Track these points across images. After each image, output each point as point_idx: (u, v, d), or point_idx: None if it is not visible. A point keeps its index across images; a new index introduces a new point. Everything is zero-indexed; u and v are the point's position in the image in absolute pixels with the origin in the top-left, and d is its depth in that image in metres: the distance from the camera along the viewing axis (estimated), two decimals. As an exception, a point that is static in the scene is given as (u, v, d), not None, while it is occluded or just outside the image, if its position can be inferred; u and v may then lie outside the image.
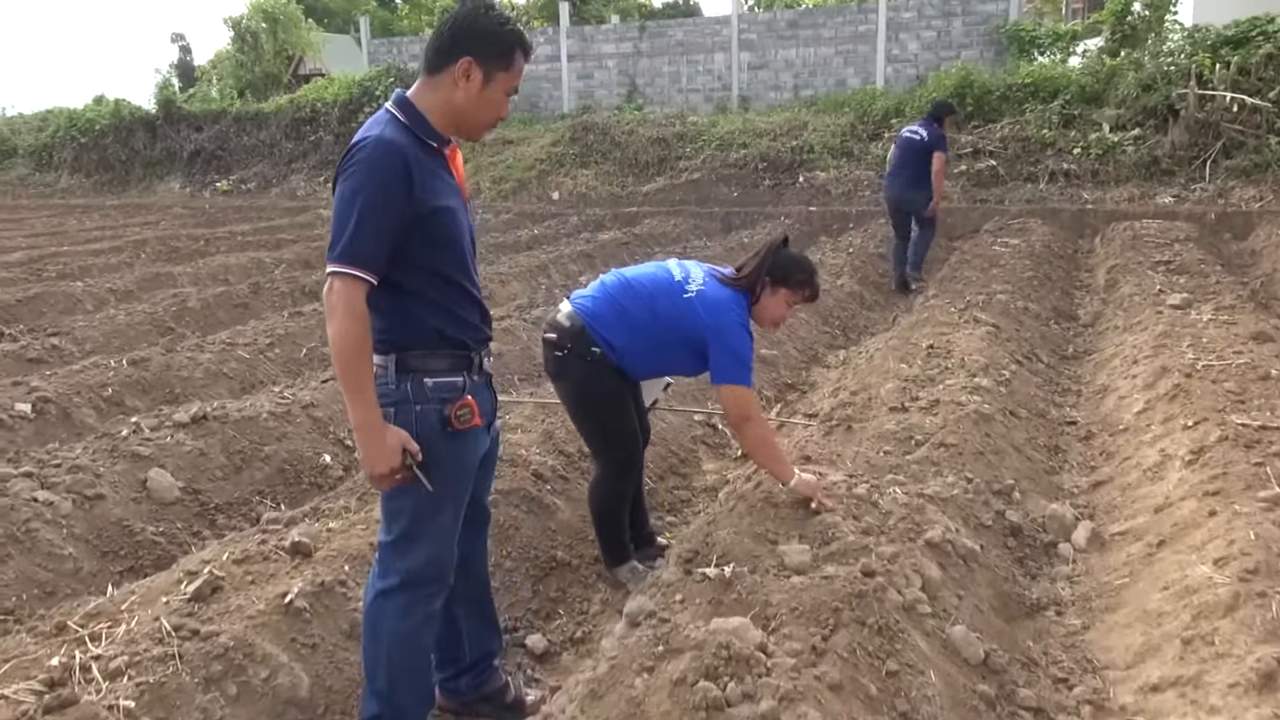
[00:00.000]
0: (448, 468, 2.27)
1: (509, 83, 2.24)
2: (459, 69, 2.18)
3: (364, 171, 2.08)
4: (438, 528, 2.30)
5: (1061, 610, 3.14)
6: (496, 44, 2.20)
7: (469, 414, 2.26)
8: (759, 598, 2.58)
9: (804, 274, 3.34)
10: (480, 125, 2.30)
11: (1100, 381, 5.45)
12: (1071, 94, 13.99)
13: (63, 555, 3.41)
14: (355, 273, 2.06)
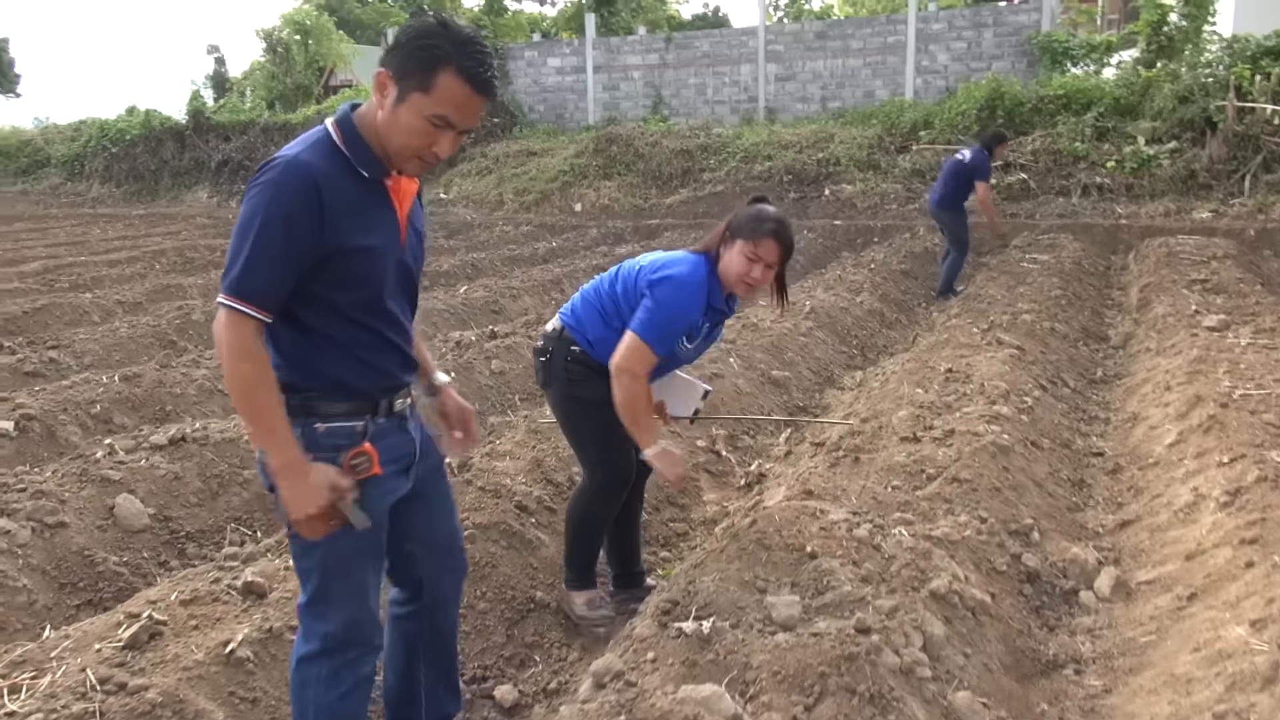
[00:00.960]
0: (341, 539, 2.01)
1: (431, 109, 1.85)
2: (377, 80, 1.90)
3: (268, 195, 1.83)
4: (352, 587, 2.07)
5: (1081, 669, 2.86)
6: (414, 58, 1.84)
7: (366, 463, 2.00)
8: (738, 659, 2.34)
9: (756, 221, 2.92)
10: (399, 154, 1.93)
11: (1130, 409, 5.15)
12: (1105, 106, 13.64)
13: (16, 588, 3.23)
14: (243, 308, 1.84)
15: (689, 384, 3.28)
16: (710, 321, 3.07)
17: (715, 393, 5.21)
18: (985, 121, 14.15)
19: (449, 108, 1.86)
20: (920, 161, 14.27)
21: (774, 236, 2.90)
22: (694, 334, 3.02)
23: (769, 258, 2.91)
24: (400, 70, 1.86)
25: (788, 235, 2.94)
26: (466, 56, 1.84)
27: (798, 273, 10.34)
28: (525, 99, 20.36)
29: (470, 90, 1.86)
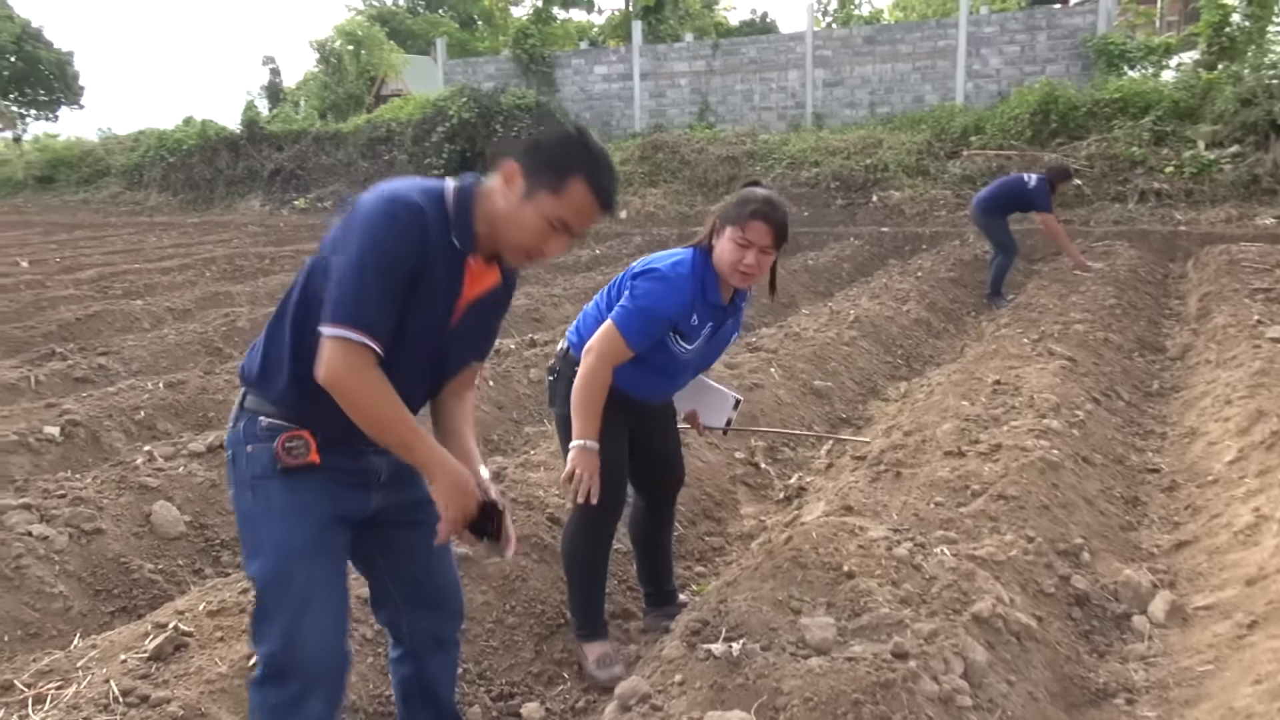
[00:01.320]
0: (282, 515, 1.92)
1: (555, 212, 1.90)
2: (505, 170, 1.93)
3: (385, 230, 1.80)
4: (289, 601, 1.91)
5: (1133, 699, 2.72)
6: (551, 162, 1.90)
7: (303, 448, 1.91)
8: (768, 683, 2.25)
9: (742, 204, 2.74)
10: (512, 246, 1.95)
11: (1188, 423, 4.95)
12: (1164, 110, 13.29)
13: (52, 594, 3.26)
14: (364, 339, 1.79)
15: (719, 393, 3.18)
16: (713, 321, 2.90)
17: (756, 404, 5.13)
18: (1038, 127, 13.86)
19: (572, 214, 1.92)
20: (970, 167, 14.02)
21: (761, 218, 2.71)
22: (690, 333, 2.85)
23: (760, 241, 2.72)
24: (533, 168, 1.91)
25: (776, 215, 2.74)
26: (598, 172, 1.93)
27: (843, 280, 10.20)
28: (572, 106, 20.42)
29: (595, 203, 1.94)
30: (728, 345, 3.12)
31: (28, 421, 4.80)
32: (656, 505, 3.27)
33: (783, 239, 2.76)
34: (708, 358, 3.05)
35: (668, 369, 2.92)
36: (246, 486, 1.95)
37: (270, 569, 1.92)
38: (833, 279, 10.18)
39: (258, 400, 1.97)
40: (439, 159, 19.30)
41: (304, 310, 1.91)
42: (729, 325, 3.02)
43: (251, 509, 1.95)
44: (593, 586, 3.09)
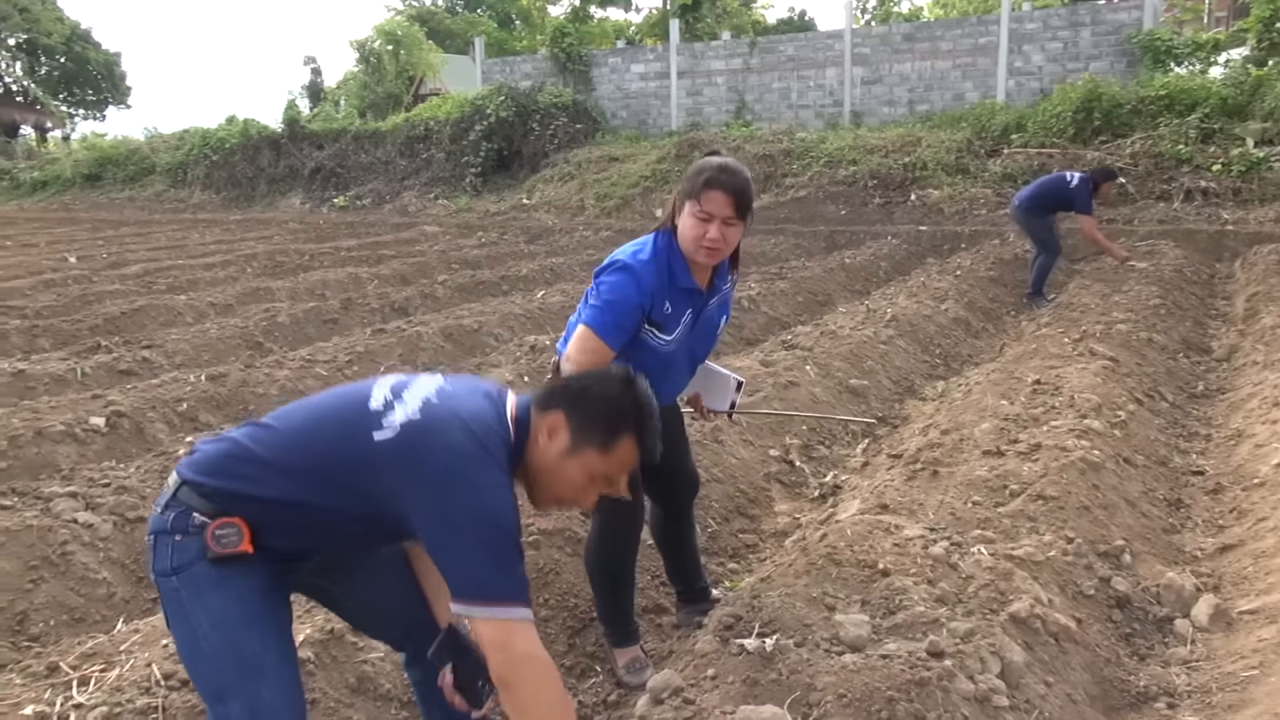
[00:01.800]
0: (214, 590, 1.77)
1: (603, 469, 1.88)
2: (550, 422, 1.87)
3: (473, 487, 1.73)
4: (244, 673, 1.77)
5: (1175, 703, 2.67)
6: (601, 421, 1.86)
7: (234, 536, 1.76)
8: (802, 679, 2.24)
9: (696, 175, 2.57)
10: (549, 498, 1.93)
11: (1234, 425, 4.85)
12: (1212, 107, 13.00)
13: (96, 580, 3.33)
14: (526, 612, 1.73)
15: (721, 375, 3.07)
16: (691, 307, 2.74)
17: (792, 401, 5.10)
18: (1081, 125, 13.64)
19: (618, 469, 1.92)
20: (1011, 166, 13.83)
21: (718, 187, 2.54)
22: (666, 323, 2.69)
23: (720, 212, 2.54)
24: (582, 424, 1.86)
25: (734, 181, 2.55)
26: (647, 431, 1.91)
27: (880, 278, 10.12)
28: (608, 105, 20.44)
29: (639, 456, 1.93)
30: (717, 333, 2.95)
31: (74, 412, 4.90)
32: (674, 512, 3.17)
33: (745, 207, 2.59)
34: (697, 350, 2.88)
35: (655, 370, 2.69)
36: (170, 573, 1.79)
37: (216, 646, 1.77)
38: (869, 278, 10.10)
39: (199, 498, 1.81)
40: (476, 157, 19.42)
41: (330, 494, 1.80)
42: (713, 311, 2.85)
43: (178, 593, 1.79)
44: (618, 595, 3.03)
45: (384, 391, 1.85)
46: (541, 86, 20.13)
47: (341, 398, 1.90)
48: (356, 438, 1.77)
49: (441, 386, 1.88)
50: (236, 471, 1.81)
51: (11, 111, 37.45)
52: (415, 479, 1.72)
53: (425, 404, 1.81)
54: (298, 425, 1.86)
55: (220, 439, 1.89)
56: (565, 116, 19.43)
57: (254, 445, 1.83)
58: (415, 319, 7.73)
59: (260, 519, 1.80)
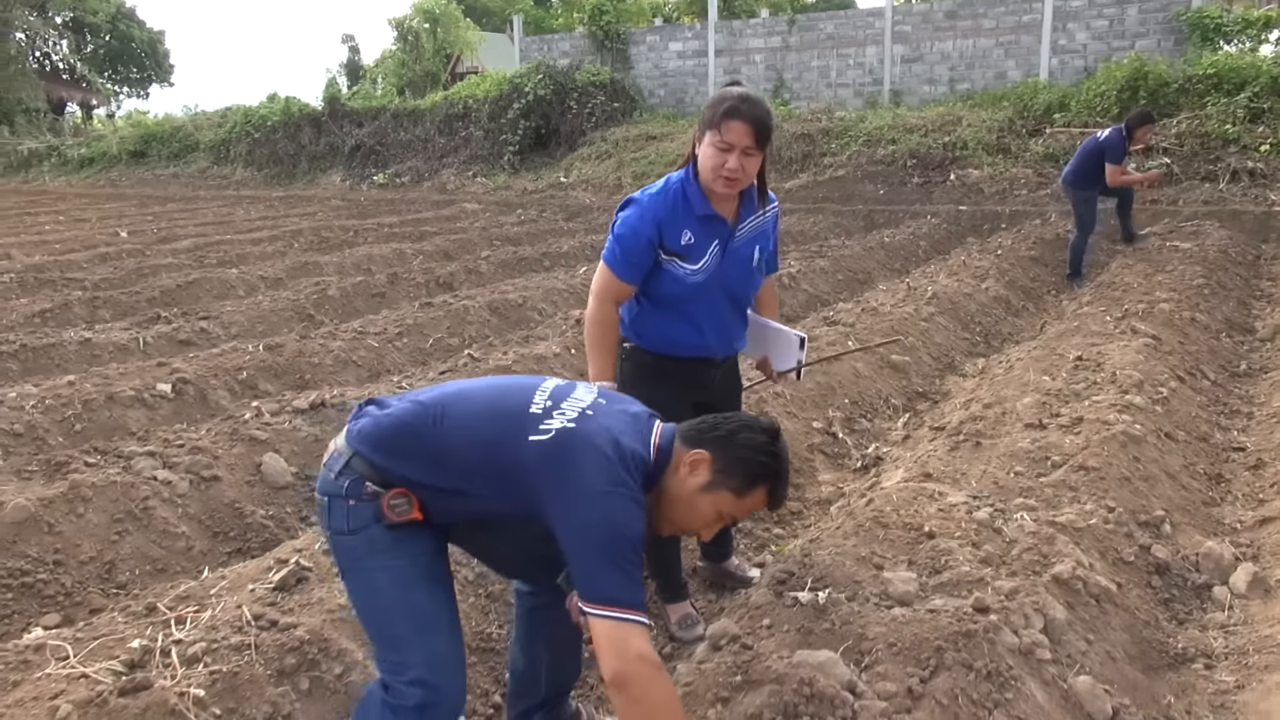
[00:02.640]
0: (389, 551, 1.97)
1: (731, 510, 2.01)
2: (693, 458, 1.98)
3: (610, 498, 1.84)
4: (422, 625, 1.99)
5: (1212, 664, 2.76)
6: (747, 469, 1.98)
7: (405, 505, 1.94)
8: (853, 629, 2.36)
9: (716, 105, 2.59)
10: (675, 525, 2.05)
11: (1276, 404, 4.88)
12: (1261, 86, 12.79)
13: (176, 533, 3.52)
14: (643, 618, 1.83)
15: (783, 333, 3.03)
16: (717, 237, 2.75)
17: (835, 375, 5.20)
18: (1126, 104, 13.48)
19: (743, 512, 2.05)
20: (1054, 145, 13.71)
21: (738, 116, 2.55)
22: (689, 253, 2.72)
23: (739, 141, 2.56)
24: (725, 467, 1.97)
25: (754, 111, 2.56)
26: (781, 484, 2.04)
27: (919, 257, 10.14)
28: (646, 83, 20.46)
29: (768, 506, 2.07)
30: (754, 267, 2.89)
31: (141, 379, 5.12)
32: None
33: (765, 137, 2.60)
34: (732, 284, 2.84)
35: (688, 304, 2.76)
36: (346, 533, 1.98)
37: (392, 601, 1.97)
38: (909, 256, 10.12)
39: (370, 469, 1.97)
40: (514, 135, 19.54)
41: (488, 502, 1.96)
42: (743, 244, 2.83)
43: (355, 549, 1.98)
44: (668, 554, 3.15)
45: (545, 398, 1.99)
46: (579, 65, 20.19)
47: (504, 396, 2.03)
48: (515, 439, 1.91)
49: (597, 400, 2.02)
50: (402, 455, 1.97)
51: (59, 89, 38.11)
52: (559, 483, 1.86)
53: (581, 415, 1.94)
54: (460, 421, 1.98)
55: (386, 414, 2.02)
56: (603, 95, 19.48)
57: (418, 437, 1.97)
58: (461, 293, 7.89)
59: (424, 496, 1.97)
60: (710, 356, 2.92)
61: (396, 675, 1.97)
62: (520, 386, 2.05)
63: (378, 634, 2.02)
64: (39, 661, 2.35)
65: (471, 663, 2.76)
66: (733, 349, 3.00)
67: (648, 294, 2.83)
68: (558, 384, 2.06)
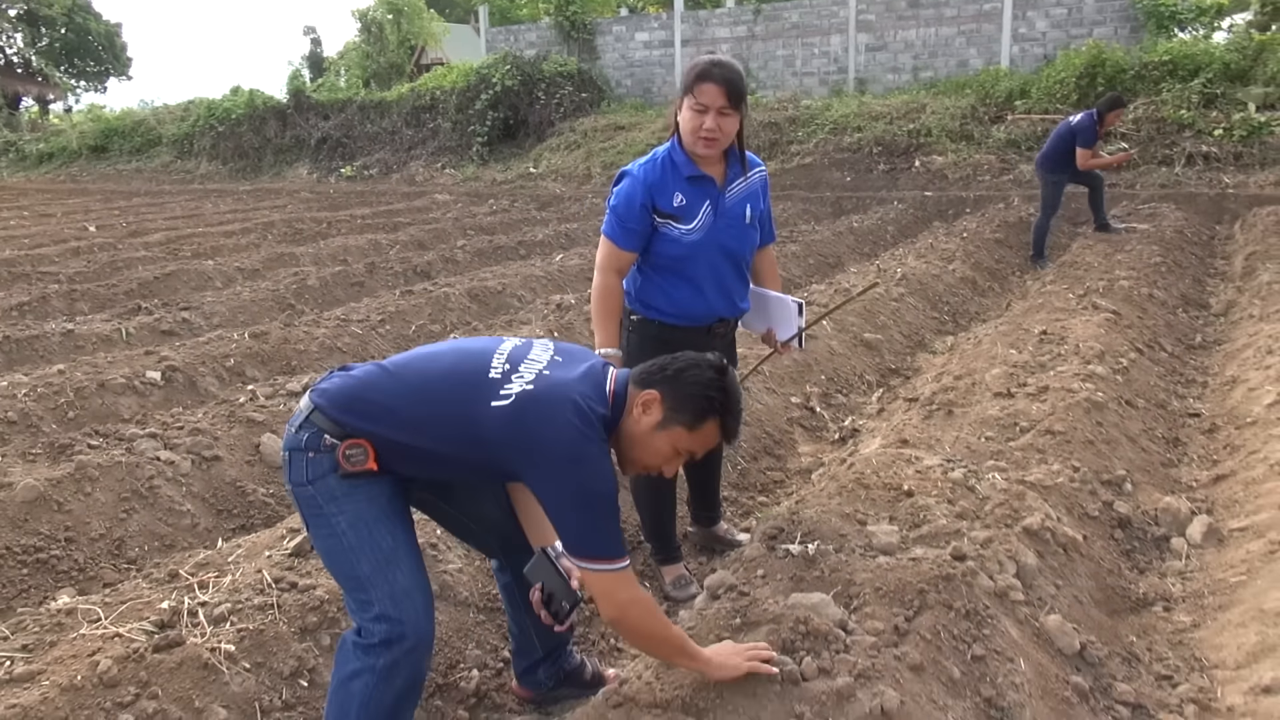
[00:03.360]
0: (347, 495, 2.05)
1: (686, 445, 2.12)
2: (645, 398, 2.09)
3: (579, 461, 1.97)
4: (383, 562, 2.06)
5: (1170, 606, 2.97)
6: (693, 403, 2.08)
7: (361, 455, 2.03)
8: (842, 576, 2.54)
9: (690, 71, 2.78)
10: (635, 463, 2.17)
11: (1229, 373, 5.13)
12: (1214, 72, 13.19)
13: (181, 511, 3.62)
14: (625, 564, 2.01)
15: (781, 301, 3.15)
16: (708, 198, 2.90)
17: (811, 354, 5.38)
18: (1085, 91, 13.81)
19: (699, 446, 2.15)
20: (1015, 132, 14.02)
21: (709, 79, 2.73)
22: (682, 214, 2.87)
23: (713, 102, 2.73)
24: (674, 404, 2.09)
25: (725, 73, 2.74)
26: (731, 416, 2.14)
27: (887, 241, 10.36)
28: (613, 74, 20.55)
29: (722, 439, 2.17)
30: (746, 224, 3.02)
31: (131, 367, 5.18)
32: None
33: (738, 96, 2.76)
34: (728, 242, 2.97)
35: (688, 265, 2.90)
36: (306, 484, 2.07)
37: (354, 542, 2.04)
38: (878, 241, 10.35)
39: (329, 423, 2.06)
40: (482, 126, 19.57)
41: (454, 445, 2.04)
42: (735, 203, 2.97)
43: (315, 499, 2.06)
44: (661, 517, 3.32)
45: (502, 361, 2.10)
46: (546, 55, 20.24)
47: (463, 359, 2.14)
48: (475, 403, 2.02)
49: (554, 358, 2.13)
50: (360, 410, 2.07)
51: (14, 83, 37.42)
52: (529, 446, 1.97)
53: (539, 376, 2.05)
54: (419, 381, 2.10)
55: (349, 375, 2.15)
56: (570, 85, 19.55)
57: (377, 392, 2.09)
58: (440, 281, 7.99)
59: (381, 448, 2.07)
60: (716, 318, 3.04)
61: (363, 614, 2.06)
62: (479, 350, 2.15)
63: (344, 577, 2.09)
64: (72, 624, 2.46)
65: (480, 620, 2.91)
66: (737, 309, 3.13)
67: (649, 261, 2.98)
68: (515, 345, 2.16)
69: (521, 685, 2.67)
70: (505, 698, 2.70)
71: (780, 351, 3.25)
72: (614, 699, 2.12)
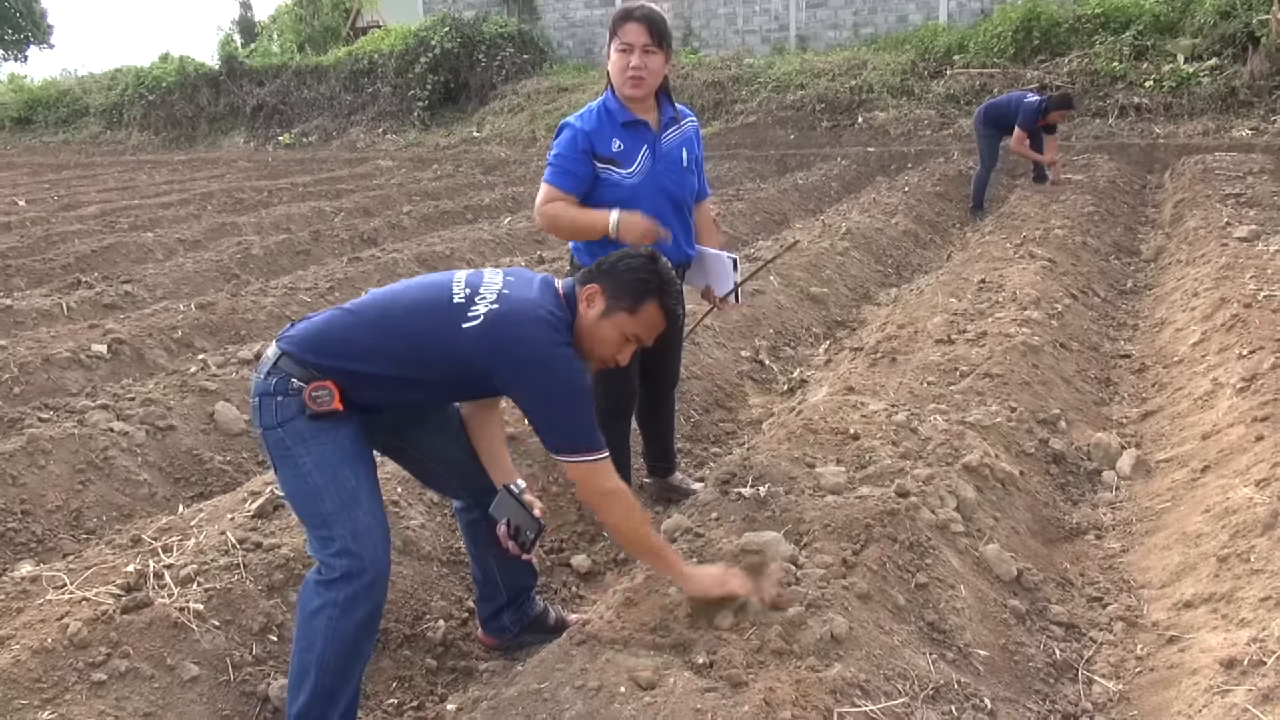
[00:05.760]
0: (313, 436, 2.13)
1: (631, 329, 2.25)
2: (587, 292, 2.24)
3: (556, 363, 2.13)
4: (344, 500, 2.14)
5: (1101, 534, 3.14)
6: (629, 287, 2.23)
7: (327, 396, 2.12)
8: (792, 515, 2.65)
9: (613, 17, 2.92)
10: (592, 355, 2.29)
11: (1158, 315, 5.35)
12: (1144, 24, 13.48)
13: (138, 481, 3.62)
14: (603, 455, 2.16)
15: (717, 258, 3.25)
16: (646, 143, 2.99)
17: (759, 308, 5.49)
18: (1021, 44, 14.03)
19: (644, 330, 2.29)
20: (954, 86, 14.21)
21: (630, 19, 2.86)
22: (621, 158, 2.96)
23: (637, 39, 2.86)
24: (614, 292, 2.24)
25: (645, 11, 2.88)
26: (669, 295, 2.29)
27: (832, 197, 10.50)
28: (554, 34, 20.34)
29: (664, 321, 2.30)
30: (684, 167, 3.12)
31: (75, 341, 5.10)
32: (653, 397, 3.46)
33: (660, 34, 2.89)
34: (669, 185, 3.06)
35: (627, 203, 2.96)
36: (275, 427, 2.14)
37: (319, 481, 2.13)
38: (822, 196, 10.48)
39: (297, 366, 2.14)
40: (423, 90, 19.28)
41: (419, 367, 2.17)
42: (673, 146, 3.08)
43: (283, 440, 2.14)
44: (618, 463, 3.38)
45: (462, 287, 2.21)
46: (486, 17, 19.95)
47: (424, 291, 2.25)
48: (446, 327, 2.14)
49: (508, 278, 2.26)
50: (329, 350, 2.17)
51: (-73, 54, 35.80)
52: (508, 359, 2.12)
53: (501, 296, 2.18)
54: (385, 316, 2.21)
55: (314, 320, 2.24)
56: (511, 47, 19.32)
57: (343, 329, 2.19)
58: (387, 248, 7.94)
59: (349, 383, 2.16)
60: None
61: (324, 550, 2.15)
62: (436, 282, 2.27)
63: (308, 514, 2.17)
64: (37, 591, 2.48)
65: (444, 574, 2.98)
66: (684, 253, 3.19)
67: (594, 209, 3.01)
68: (468, 273, 2.29)
69: (487, 633, 2.75)
70: (472, 646, 2.78)
71: (720, 307, 3.35)
72: (578, 637, 2.21)
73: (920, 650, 2.24)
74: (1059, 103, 8.46)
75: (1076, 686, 2.36)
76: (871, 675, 2.07)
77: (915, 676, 2.13)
